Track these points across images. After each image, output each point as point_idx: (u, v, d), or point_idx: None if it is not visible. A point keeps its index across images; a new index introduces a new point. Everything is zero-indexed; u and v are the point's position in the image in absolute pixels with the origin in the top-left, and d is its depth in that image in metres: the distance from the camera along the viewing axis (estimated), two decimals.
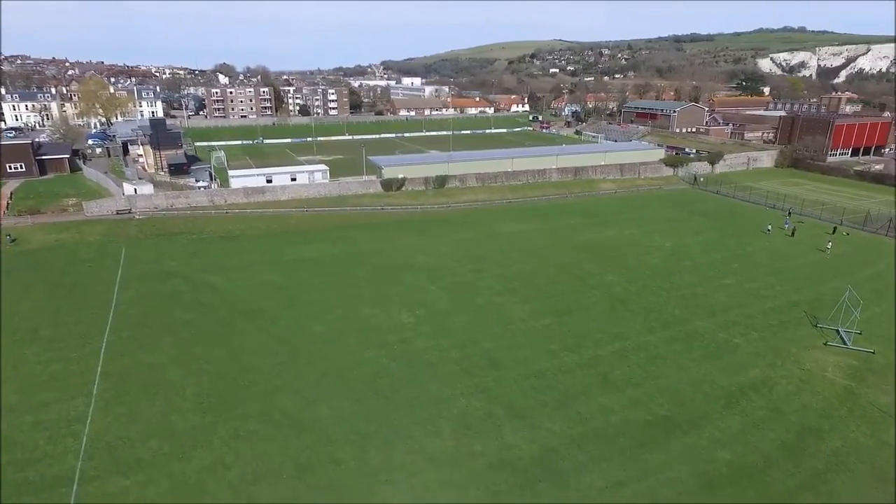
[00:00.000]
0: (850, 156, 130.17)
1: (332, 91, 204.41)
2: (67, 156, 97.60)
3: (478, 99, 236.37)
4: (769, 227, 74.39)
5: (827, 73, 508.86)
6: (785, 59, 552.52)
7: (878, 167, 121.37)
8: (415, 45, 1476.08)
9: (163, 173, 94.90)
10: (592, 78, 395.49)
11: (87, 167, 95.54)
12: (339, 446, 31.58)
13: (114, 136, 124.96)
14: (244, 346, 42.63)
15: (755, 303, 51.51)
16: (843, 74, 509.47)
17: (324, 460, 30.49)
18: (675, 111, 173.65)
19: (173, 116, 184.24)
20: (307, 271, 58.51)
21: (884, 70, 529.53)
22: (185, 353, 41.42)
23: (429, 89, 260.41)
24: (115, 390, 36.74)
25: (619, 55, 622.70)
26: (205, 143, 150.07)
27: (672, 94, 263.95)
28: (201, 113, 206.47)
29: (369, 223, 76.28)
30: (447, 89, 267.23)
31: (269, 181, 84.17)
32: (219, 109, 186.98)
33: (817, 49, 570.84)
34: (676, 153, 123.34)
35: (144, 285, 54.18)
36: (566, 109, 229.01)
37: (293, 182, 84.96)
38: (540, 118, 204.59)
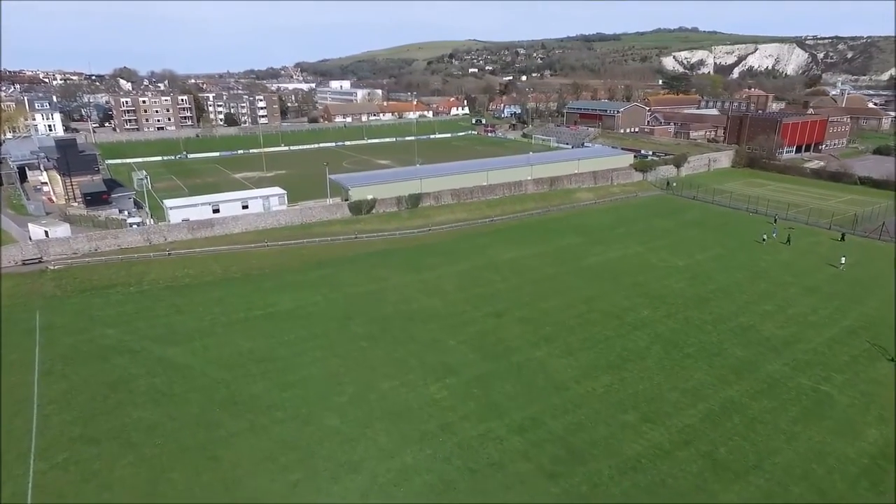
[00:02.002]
0: (795, 153, 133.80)
1: (261, 97, 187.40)
2: None
3: (415, 102, 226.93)
4: (764, 237, 71.17)
5: (723, 70, 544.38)
6: (686, 58, 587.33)
7: (820, 163, 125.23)
8: (328, 46, 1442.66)
9: (76, 204, 78.51)
10: (511, 77, 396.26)
11: None
12: None
13: (4, 158, 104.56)
14: (240, 462, 31.50)
15: (811, 333, 46.55)
16: (736, 71, 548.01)
17: None
18: (618, 111, 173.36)
19: (75, 130, 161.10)
20: (290, 330, 47.29)
21: (770, 67, 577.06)
22: (157, 483, 29.78)
23: (361, 93, 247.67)
24: None
25: (535, 54, 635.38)
26: (118, 161, 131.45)
27: (603, 93, 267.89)
28: (108, 125, 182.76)
29: (346, 257, 65.42)
30: (380, 92, 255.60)
31: (216, 211, 70.84)
32: (131, 121, 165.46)
33: (713, 48, 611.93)
34: (635, 156, 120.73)
35: (76, 369, 40.99)
36: (506, 111, 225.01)
37: (245, 211, 72.13)
38: (483, 121, 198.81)
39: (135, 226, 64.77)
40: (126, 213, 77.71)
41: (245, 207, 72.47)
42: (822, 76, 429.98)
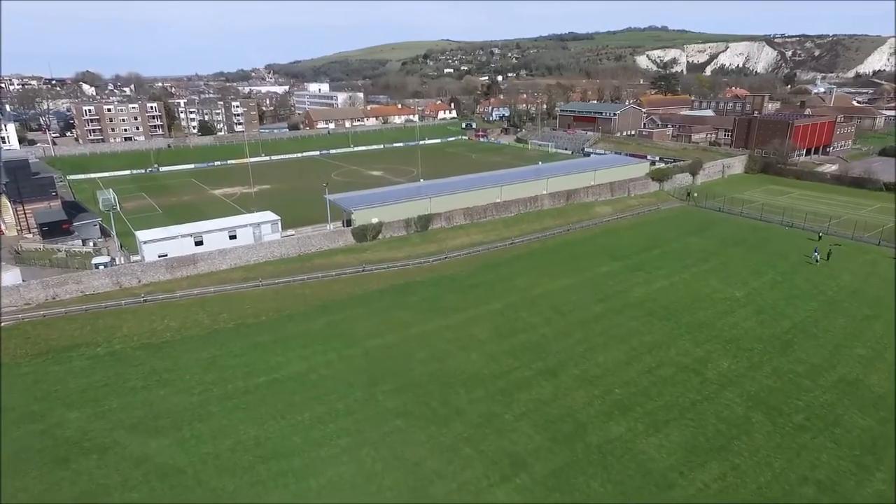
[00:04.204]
0: (804, 156, 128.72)
1: (238, 103, 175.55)
2: None
3: (400, 106, 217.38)
4: (817, 258, 64.10)
5: (695, 69, 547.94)
6: (659, 56, 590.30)
7: (833, 167, 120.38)
8: (299, 48, 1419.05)
9: (30, 236, 67.48)
10: (488, 77, 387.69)
11: None
12: None
13: None
14: None
15: None
16: (708, 70, 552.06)
17: None
18: (615, 114, 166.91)
19: (33, 141, 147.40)
20: (303, 406, 37.94)
21: (741, 65, 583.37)
22: None
23: (342, 96, 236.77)
24: None
25: (510, 54, 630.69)
26: (82, 176, 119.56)
27: (591, 94, 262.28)
28: (69, 134, 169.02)
29: (356, 296, 56.02)
30: (361, 96, 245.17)
31: (198, 243, 60.68)
32: (95, 131, 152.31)
33: (685, 46, 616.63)
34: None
35: (28, 483, 31.02)
36: (494, 114, 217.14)
37: (233, 242, 62.08)
38: (474, 125, 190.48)
39: (101, 267, 54.27)
40: (91, 243, 67.09)
41: (233, 238, 62.43)
42: (795, 74, 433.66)
